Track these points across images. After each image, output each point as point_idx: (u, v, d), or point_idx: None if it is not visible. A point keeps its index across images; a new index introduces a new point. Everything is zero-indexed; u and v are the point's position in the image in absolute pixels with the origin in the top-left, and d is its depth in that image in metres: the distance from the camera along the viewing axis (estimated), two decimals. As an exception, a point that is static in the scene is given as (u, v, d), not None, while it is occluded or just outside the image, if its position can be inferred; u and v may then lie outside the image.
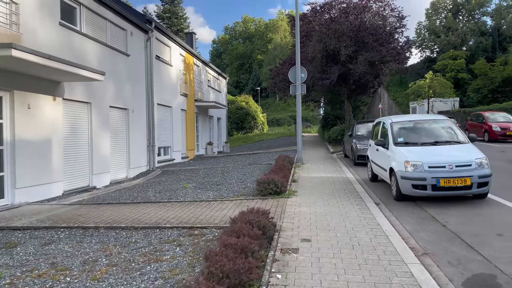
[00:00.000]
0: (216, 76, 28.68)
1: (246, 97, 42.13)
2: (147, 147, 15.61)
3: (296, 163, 14.47)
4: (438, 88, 34.49)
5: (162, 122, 17.59)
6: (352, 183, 10.15)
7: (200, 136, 23.95)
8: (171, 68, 18.76)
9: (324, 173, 12.29)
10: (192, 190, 10.33)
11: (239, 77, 79.29)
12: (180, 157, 19.66)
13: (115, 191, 11.16)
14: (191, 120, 21.94)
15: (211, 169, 15.00)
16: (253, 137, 36.29)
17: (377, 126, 10.41)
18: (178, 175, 13.84)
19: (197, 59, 23.56)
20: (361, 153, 13.69)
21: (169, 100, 18.37)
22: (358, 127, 15.59)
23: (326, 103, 26.33)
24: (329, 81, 20.18)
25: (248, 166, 14.91)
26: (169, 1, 47.14)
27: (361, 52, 19.70)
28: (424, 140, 8.53)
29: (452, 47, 45.23)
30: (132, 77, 14.50)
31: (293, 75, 15.16)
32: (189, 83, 21.57)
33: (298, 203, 7.89)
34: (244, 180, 11.46)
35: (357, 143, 14.04)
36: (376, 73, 20.72)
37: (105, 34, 12.81)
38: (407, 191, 7.64)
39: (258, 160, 17.21)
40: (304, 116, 55.08)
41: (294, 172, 12.32)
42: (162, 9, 46.93)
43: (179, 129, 19.66)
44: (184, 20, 47.89)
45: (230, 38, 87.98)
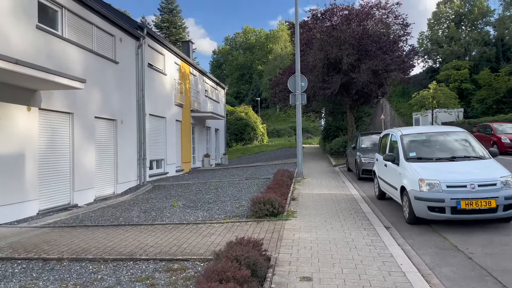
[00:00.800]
0: (214, 86, 27.87)
1: (245, 108, 41.30)
2: (137, 161, 14.67)
3: (296, 178, 13.51)
4: (442, 99, 33.62)
5: (154, 133, 16.68)
6: (357, 202, 9.18)
7: (197, 148, 23.02)
8: (165, 77, 17.91)
9: (327, 189, 11.32)
10: (180, 209, 9.36)
11: (239, 87, 78.67)
12: (174, 170, 18.71)
13: (97, 210, 10.20)
14: (187, 132, 21.04)
15: (205, 184, 14.04)
16: (253, 149, 35.36)
17: (384, 138, 9.47)
18: (169, 191, 12.89)
19: (194, 68, 22.75)
20: (366, 167, 12.73)
21: (163, 110, 17.48)
22: (362, 139, 14.65)
23: (328, 113, 25.43)
24: (330, 91, 19.31)
25: (245, 181, 13.95)
26: (167, 11, 46.67)
27: (364, 60, 18.85)
28: (439, 155, 7.57)
29: (455, 57, 44.53)
30: (121, 86, 13.63)
31: (293, 84, 14.29)
32: (185, 93, 20.72)
33: (297, 227, 6.91)
34: (239, 197, 10.49)
35: (361, 156, 13.10)
36: (380, 82, 19.84)
37: (90, 40, 11.97)
38: (422, 213, 6.67)
39: (256, 174, 16.25)
40: (305, 127, 54.20)
41: (294, 188, 11.35)
42: (161, 19, 46.39)
43: (174, 141, 18.74)
44: (183, 29, 47.27)
45: (230, 49, 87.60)
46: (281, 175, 12.05)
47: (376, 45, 18.49)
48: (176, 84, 19.48)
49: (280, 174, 12.16)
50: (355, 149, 14.29)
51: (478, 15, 46.24)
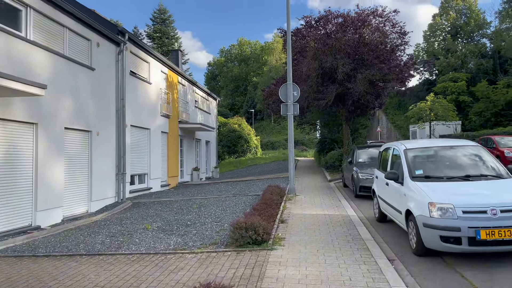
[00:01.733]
0: (205, 97, 26.85)
1: (239, 119, 40.24)
2: (115, 176, 13.50)
3: (287, 195, 12.38)
4: (440, 111, 32.78)
5: (137, 146, 15.55)
6: (355, 225, 8.05)
7: (185, 161, 21.87)
8: (150, 86, 16.85)
9: (320, 208, 10.19)
10: (153, 233, 8.20)
11: (234, 99, 77.79)
12: (159, 185, 17.52)
13: (61, 233, 9.01)
14: (174, 144, 19.92)
15: (189, 201, 12.88)
16: (246, 162, 34.23)
17: (385, 153, 8.39)
18: (148, 210, 11.71)
19: (183, 77, 21.73)
20: (363, 184, 11.65)
21: (147, 121, 16.38)
22: (358, 153, 13.58)
23: (323, 125, 24.43)
24: (325, 102, 18.33)
25: (232, 198, 12.81)
26: (160, 21, 45.83)
27: (360, 70, 17.93)
28: (450, 173, 6.48)
29: (452, 69, 43.91)
30: (98, 95, 12.54)
31: (284, 93, 13.26)
32: (173, 103, 19.66)
33: (284, 259, 5.77)
34: (222, 218, 9.33)
35: (358, 172, 12.01)
36: (377, 93, 18.90)
37: (61, 44, 10.90)
38: (433, 244, 5.56)
39: (246, 190, 15.12)
40: (299, 139, 53.19)
41: (284, 208, 10.22)
42: (153, 29, 45.54)
43: (159, 153, 17.60)
44: (176, 40, 46.39)
45: (225, 61, 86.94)
46: (270, 192, 10.93)
47: (373, 54, 17.58)
48: (163, 94, 18.42)
49: (269, 192, 11.03)
50: (352, 163, 13.22)
51: (475, 27, 45.81)
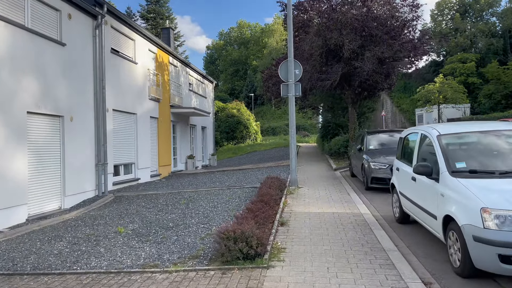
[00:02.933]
0: (200, 80, 25.17)
1: (237, 104, 38.55)
2: (95, 166, 12.00)
3: (288, 188, 10.87)
4: (449, 93, 31.08)
5: (121, 133, 14.01)
6: (371, 228, 6.56)
7: (179, 148, 20.35)
8: (136, 66, 15.22)
9: (327, 204, 8.69)
10: (124, 239, 6.72)
11: (233, 84, 75.84)
12: (148, 175, 16.04)
13: (18, 237, 7.55)
14: (166, 130, 18.37)
15: (177, 195, 11.40)
16: (245, 148, 32.72)
17: (409, 139, 6.82)
18: (130, 205, 10.24)
19: (175, 58, 20.06)
20: (376, 175, 10.12)
21: (132, 105, 14.80)
22: (369, 139, 12.01)
23: (326, 109, 22.80)
24: (330, 82, 16.68)
25: (226, 191, 11.32)
26: (154, 1, 43.66)
27: (369, 47, 16.22)
28: (503, 166, 4.92)
29: (460, 50, 41.95)
30: (71, 74, 10.95)
31: (285, 71, 11.64)
32: (163, 86, 18.04)
33: (284, 285, 4.28)
34: (211, 218, 7.85)
35: (370, 161, 10.47)
36: (387, 72, 17.21)
37: (22, 13, 9.27)
38: (487, 264, 4.07)
39: (243, 180, 13.63)
40: (301, 124, 51.56)
41: (285, 204, 8.72)
42: (147, 9, 43.41)
43: (147, 141, 16.07)
44: (171, 21, 44.29)
45: (224, 44, 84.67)
46: (269, 185, 9.42)
47: (382, 29, 15.85)
48: (151, 75, 16.79)
49: (267, 185, 9.52)
50: (362, 151, 11.67)
51: (484, 5, 43.67)
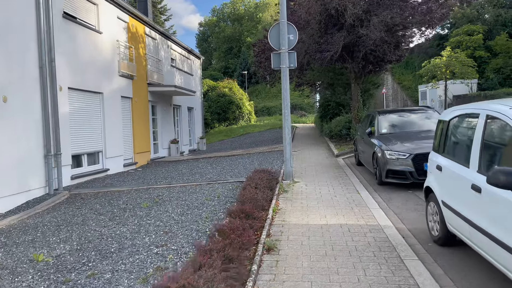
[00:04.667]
0: (185, 55, 22.65)
1: (229, 83, 35.96)
2: (43, 158, 9.74)
3: (281, 184, 8.68)
4: (458, 68, 28.71)
5: (82, 116, 11.71)
6: (400, 255, 4.42)
7: (160, 132, 18.06)
8: (100, 36, 12.78)
9: (332, 210, 6.51)
10: (35, 277, 4.53)
11: (227, 62, 72.71)
12: (120, 164, 13.81)
13: None
14: (143, 112, 16.04)
15: (144, 193, 9.20)
16: (237, 130, 30.44)
17: (458, 124, 4.55)
18: (80, 209, 8.06)
19: (152, 29, 17.54)
20: (392, 167, 7.91)
21: (96, 83, 12.45)
22: (381, 121, 9.73)
23: (325, 86, 20.44)
24: (330, 54, 14.30)
25: (205, 187, 9.13)
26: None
27: (376, 11, 13.79)
28: None
29: (466, 21, 39.23)
30: (1, 42, 8.57)
31: (276, 37, 9.30)
32: (138, 61, 15.62)
33: None
34: (172, 236, 5.65)
35: (384, 148, 8.24)
36: (396, 42, 14.79)
37: None
38: None
39: (229, 171, 11.48)
40: (298, 103, 49.12)
41: (276, 210, 6.53)
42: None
43: (118, 125, 13.77)
44: (157, -7, 41.14)
45: (217, 21, 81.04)
46: (255, 184, 7.25)
47: (393, -12, 13.39)
48: (122, 48, 14.36)
49: (254, 183, 7.34)
50: (372, 135, 9.43)
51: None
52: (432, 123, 9.49)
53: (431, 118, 9.61)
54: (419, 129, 9.24)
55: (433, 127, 9.33)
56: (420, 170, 7.59)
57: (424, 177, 7.65)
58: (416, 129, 9.28)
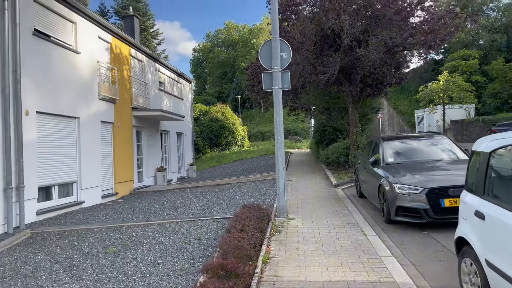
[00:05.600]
0: (175, 78, 21.74)
1: (222, 107, 35.05)
2: (3, 192, 8.53)
3: (274, 222, 7.49)
4: (456, 92, 28.07)
5: (53, 142, 10.56)
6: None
7: (146, 159, 16.89)
8: (78, 56, 11.79)
9: (336, 259, 5.32)
10: None
11: (221, 87, 72.31)
12: (98, 196, 12.57)
13: None
14: (126, 138, 14.92)
15: (116, 232, 7.97)
16: (230, 156, 29.30)
17: (506, 157, 3.46)
18: (39, 253, 6.82)
19: (139, 50, 16.63)
20: (403, 203, 6.76)
21: (72, 106, 11.37)
22: (387, 149, 8.63)
23: (321, 110, 19.51)
24: (326, 76, 13.39)
25: (186, 226, 7.95)
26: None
27: (374, 31, 12.99)
28: None
29: (461, 46, 39.02)
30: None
31: (268, 55, 8.33)
32: (121, 84, 14.62)
33: None
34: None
35: (392, 181, 7.12)
36: (396, 63, 13.98)
37: None
38: None
39: (215, 204, 10.31)
40: (292, 128, 48.28)
41: (266, 261, 5.33)
42: (122, 5, 39.64)
43: (97, 152, 12.61)
44: (149, 17, 40.49)
45: (211, 46, 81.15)
46: (242, 226, 6.07)
47: (392, 7, 12.61)
48: (104, 70, 13.37)
49: (241, 225, 6.16)
50: (377, 165, 8.32)
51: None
52: (443, 151, 8.45)
53: (442, 146, 8.57)
54: (430, 158, 8.15)
55: (445, 156, 8.30)
56: (437, 208, 6.47)
57: (442, 215, 6.55)
58: (427, 158, 8.19)
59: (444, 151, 8.37)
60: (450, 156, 8.22)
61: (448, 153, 8.33)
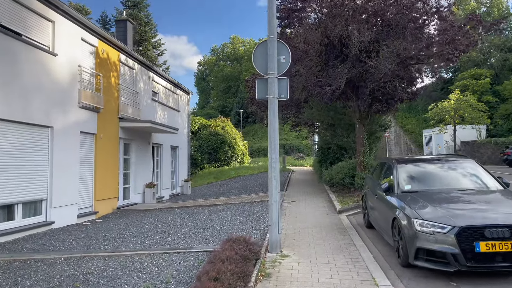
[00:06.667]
0: (171, 89, 20.55)
1: (222, 121, 33.80)
2: None
3: (263, 261, 6.08)
4: (468, 112, 26.67)
5: (17, 154, 9.28)
6: None
7: (134, 174, 15.57)
8: (54, 58, 10.59)
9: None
10: None
11: (225, 101, 71.36)
12: (73, 215, 11.22)
13: None
14: (110, 150, 13.62)
15: (77, 263, 6.60)
16: (228, 172, 27.91)
17: None
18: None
19: (130, 57, 15.47)
20: (426, 245, 5.32)
21: (44, 114, 10.12)
22: (401, 172, 7.17)
23: (325, 127, 18.19)
24: (332, 89, 12.07)
25: (159, 259, 6.55)
26: (131, 5, 39.06)
27: (386, 40, 11.72)
28: None
29: (472, 65, 37.78)
30: None
31: (263, 58, 7.04)
32: (108, 92, 13.41)
33: None
34: None
35: (411, 214, 5.70)
36: (409, 77, 12.67)
37: None
38: None
39: (200, 230, 8.96)
40: (295, 144, 46.92)
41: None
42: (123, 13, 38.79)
43: (74, 166, 11.31)
44: (150, 27, 39.69)
45: (216, 60, 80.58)
46: (217, 273, 4.67)
47: (407, 14, 11.35)
48: (87, 75, 12.16)
49: (215, 271, 4.76)
50: (390, 192, 6.90)
51: (499, 17, 39.79)
52: (471, 178, 7.01)
53: (469, 171, 7.15)
54: (457, 187, 6.70)
55: (474, 185, 6.78)
56: (469, 253, 5.05)
57: (476, 263, 5.08)
58: (451, 186, 6.76)
59: (472, 178, 6.94)
60: (479, 185, 6.78)
61: (477, 181, 6.88)
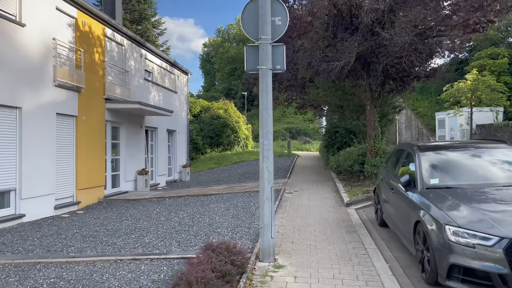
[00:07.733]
0: (167, 68, 19.15)
1: (225, 103, 32.40)
2: None
3: (250, 275, 4.80)
4: (486, 93, 24.93)
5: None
6: None
7: (124, 160, 14.36)
8: (22, 29, 9.27)
9: None
10: None
11: (230, 83, 69.62)
12: (50, 207, 10.06)
13: None
14: (95, 134, 12.38)
15: (27, 273, 5.41)
16: (231, 157, 26.66)
17: None
18: None
19: (117, 31, 14.08)
20: (464, 262, 3.99)
21: (9, 92, 8.87)
22: (424, 162, 5.77)
23: (333, 109, 16.70)
24: (340, 64, 10.63)
25: (125, 268, 5.35)
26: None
27: (401, 9, 10.21)
28: None
29: (489, 44, 35.69)
30: None
31: (253, 19, 5.64)
32: (91, 70, 12.10)
33: None
34: None
35: (442, 219, 4.37)
36: (429, 51, 11.14)
37: None
38: None
39: (185, 228, 7.77)
40: (302, 128, 45.45)
41: None
42: None
43: (48, 151, 10.09)
44: (150, 5, 37.36)
45: (222, 41, 78.56)
46: None
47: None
48: (64, 50, 10.84)
49: None
50: (412, 187, 5.54)
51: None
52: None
53: (511, 160, 5.75)
54: (499, 182, 5.31)
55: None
56: (525, 274, 3.72)
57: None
58: (494, 180, 5.35)
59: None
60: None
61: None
